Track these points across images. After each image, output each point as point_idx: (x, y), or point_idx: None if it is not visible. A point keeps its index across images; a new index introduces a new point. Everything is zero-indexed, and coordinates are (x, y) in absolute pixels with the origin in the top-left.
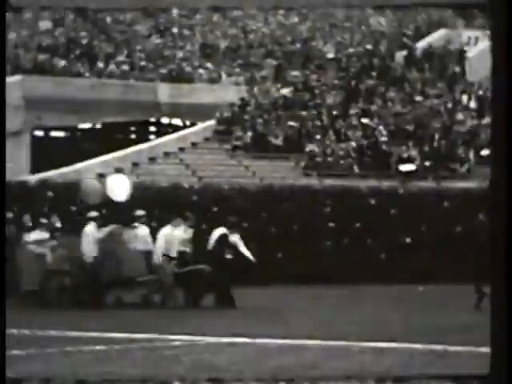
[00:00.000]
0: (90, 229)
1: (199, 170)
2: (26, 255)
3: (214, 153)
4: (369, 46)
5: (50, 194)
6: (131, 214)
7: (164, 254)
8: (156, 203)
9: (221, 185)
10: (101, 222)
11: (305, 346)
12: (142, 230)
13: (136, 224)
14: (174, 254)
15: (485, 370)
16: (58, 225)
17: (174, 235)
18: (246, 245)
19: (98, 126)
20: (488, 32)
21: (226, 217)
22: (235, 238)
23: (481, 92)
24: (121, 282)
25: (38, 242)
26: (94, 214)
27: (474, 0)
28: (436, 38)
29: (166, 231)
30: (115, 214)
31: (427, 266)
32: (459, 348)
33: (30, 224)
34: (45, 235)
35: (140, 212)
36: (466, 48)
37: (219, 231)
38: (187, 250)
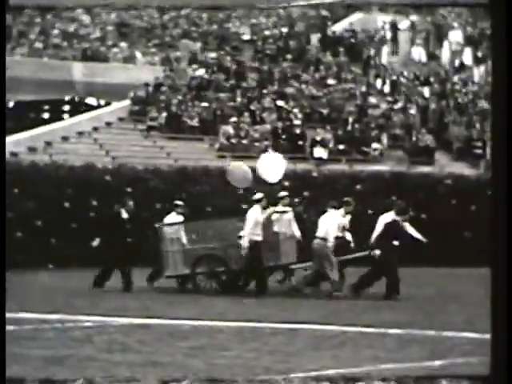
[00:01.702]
0: (255, 211)
1: (113, 150)
2: (167, 240)
3: (128, 133)
4: (284, 29)
5: None
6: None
7: (323, 239)
8: (68, 183)
9: (135, 165)
10: (265, 205)
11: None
12: (288, 214)
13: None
14: (332, 240)
15: None
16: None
17: (334, 220)
18: None
19: (11, 104)
20: (404, 17)
21: (394, 201)
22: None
23: (394, 77)
24: (277, 268)
25: (173, 226)
26: (258, 196)
27: (475, 0)
28: (351, 21)
29: (326, 216)
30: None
31: None
32: None
33: None
34: (179, 218)
35: (284, 193)
36: (380, 32)
37: (388, 216)
38: (346, 235)
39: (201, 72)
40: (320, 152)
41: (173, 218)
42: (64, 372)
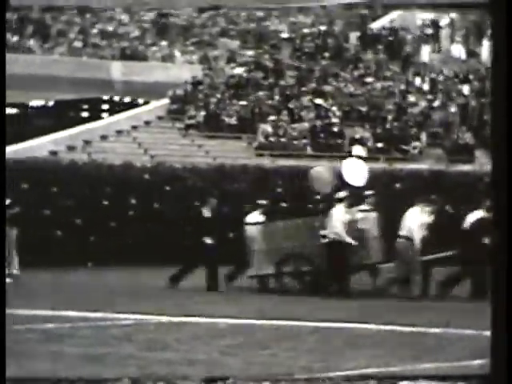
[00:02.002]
0: (339, 210)
1: (151, 148)
2: (250, 239)
3: (166, 131)
4: (323, 27)
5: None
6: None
7: (407, 238)
8: (107, 182)
9: (173, 164)
10: (348, 204)
11: None
12: (372, 213)
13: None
14: (418, 240)
15: None
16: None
17: (418, 219)
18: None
19: (51, 103)
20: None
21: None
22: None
23: (433, 74)
24: (364, 267)
25: (256, 225)
26: (342, 194)
27: (475, 0)
28: (391, 19)
29: (410, 214)
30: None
31: None
32: None
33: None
34: (262, 217)
35: (369, 192)
36: (420, 30)
37: (476, 214)
38: (429, 234)
39: (239, 70)
40: (359, 150)
41: (255, 217)
42: (103, 370)
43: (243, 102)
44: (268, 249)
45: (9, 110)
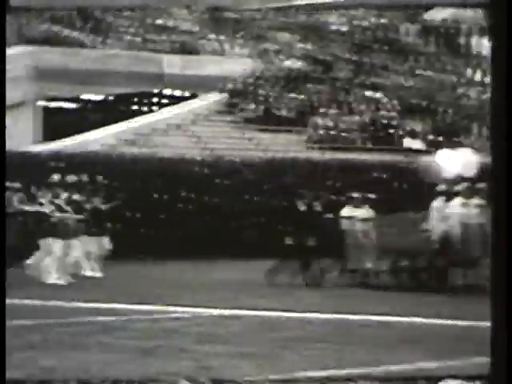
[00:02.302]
0: (440, 204)
1: (205, 142)
2: (350, 232)
3: (219, 125)
4: (376, 20)
5: (57, 164)
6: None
7: None
8: (159, 175)
9: (227, 157)
10: (449, 197)
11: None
12: (474, 206)
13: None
14: None
15: None
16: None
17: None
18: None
19: (107, 97)
20: None
21: None
22: None
23: (486, 66)
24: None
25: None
26: (442, 187)
27: (475, 0)
28: (442, 13)
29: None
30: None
31: None
32: None
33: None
34: (358, 211)
35: (467, 184)
36: (475, 21)
37: None
38: None
39: (292, 64)
40: (412, 143)
41: (349, 211)
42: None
43: (296, 95)
44: (368, 243)
45: (65, 104)
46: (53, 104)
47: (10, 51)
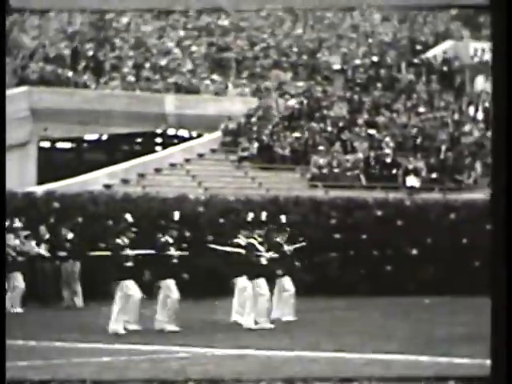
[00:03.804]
0: None
1: (205, 181)
2: None
3: (220, 164)
4: (375, 58)
5: (56, 205)
6: None
7: None
8: (161, 214)
9: (227, 196)
10: None
11: (311, 358)
12: None
13: None
14: None
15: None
16: None
17: None
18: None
19: (105, 137)
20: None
21: None
22: None
23: (487, 103)
24: None
25: None
26: None
27: (475, 1)
28: (443, 49)
29: None
30: None
31: (433, 277)
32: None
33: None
34: None
35: None
36: (473, 59)
37: None
38: None
39: (292, 102)
40: (412, 181)
41: None
42: None
43: (296, 134)
44: None
45: (64, 145)
46: (59, 144)
47: (8, 92)
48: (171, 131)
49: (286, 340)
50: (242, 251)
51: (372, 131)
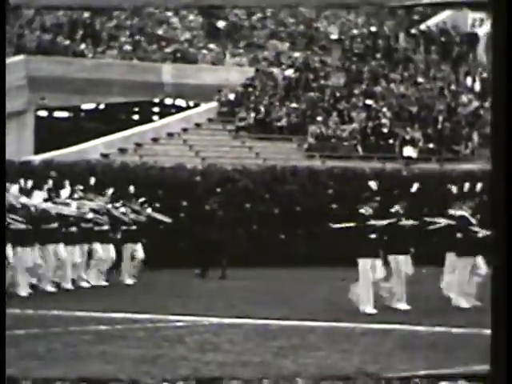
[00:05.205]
0: None
1: (202, 150)
2: None
3: (217, 134)
4: (373, 28)
5: (53, 173)
6: None
7: None
8: (159, 184)
9: (224, 166)
10: None
11: (307, 328)
12: None
13: None
14: None
15: None
16: None
17: None
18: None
19: (102, 106)
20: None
21: None
22: None
23: (485, 74)
24: None
25: None
26: None
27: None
28: (441, 19)
29: None
30: None
31: (430, 248)
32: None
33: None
34: None
35: None
36: (471, 29)
37: None
38: None
39: (289, 72)
40: (409, 151)
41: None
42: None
43: (293, 105)
44: None
45: (61, 114)
46: (56, 113)
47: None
48: (168, 101)
49: None
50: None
51: (369, 101)
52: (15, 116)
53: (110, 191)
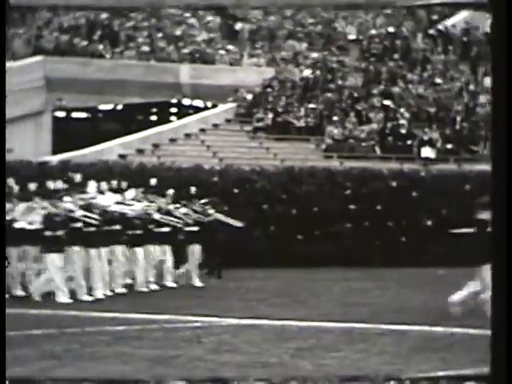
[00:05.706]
0: None
1: (220, 151)
2: None
3: (235, 134)
4: (391, 29)
5: (70, 174)
6: None
7: None
8: (177, 184)
9: (241, 166)
10: None
11: (325, 329)
12: None
13: None
14: None
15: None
16: None
17: None
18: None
19: (119, 107)
20: None
21: None
22: None
23: None
24: None
25: None
26: None
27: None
28: (460, 19)
29: None
30: None
31: (448, 249)
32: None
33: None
34: None
35: None
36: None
37: None
38: None
39: (307, 73)
40: (428, 151)
41: None
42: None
43: (311, 105)
44: None
45: (79, 114)
46: (74, 114)
47: (23, 62)
48: (186, 101)
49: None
50: None
51: (387, 102)
52: (33, 117)
53: (171, 192)
